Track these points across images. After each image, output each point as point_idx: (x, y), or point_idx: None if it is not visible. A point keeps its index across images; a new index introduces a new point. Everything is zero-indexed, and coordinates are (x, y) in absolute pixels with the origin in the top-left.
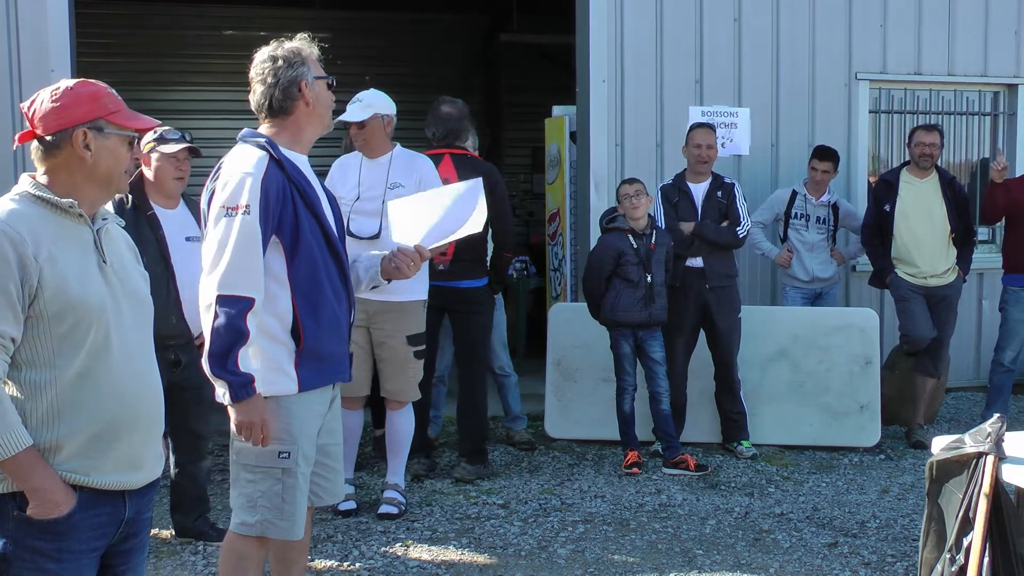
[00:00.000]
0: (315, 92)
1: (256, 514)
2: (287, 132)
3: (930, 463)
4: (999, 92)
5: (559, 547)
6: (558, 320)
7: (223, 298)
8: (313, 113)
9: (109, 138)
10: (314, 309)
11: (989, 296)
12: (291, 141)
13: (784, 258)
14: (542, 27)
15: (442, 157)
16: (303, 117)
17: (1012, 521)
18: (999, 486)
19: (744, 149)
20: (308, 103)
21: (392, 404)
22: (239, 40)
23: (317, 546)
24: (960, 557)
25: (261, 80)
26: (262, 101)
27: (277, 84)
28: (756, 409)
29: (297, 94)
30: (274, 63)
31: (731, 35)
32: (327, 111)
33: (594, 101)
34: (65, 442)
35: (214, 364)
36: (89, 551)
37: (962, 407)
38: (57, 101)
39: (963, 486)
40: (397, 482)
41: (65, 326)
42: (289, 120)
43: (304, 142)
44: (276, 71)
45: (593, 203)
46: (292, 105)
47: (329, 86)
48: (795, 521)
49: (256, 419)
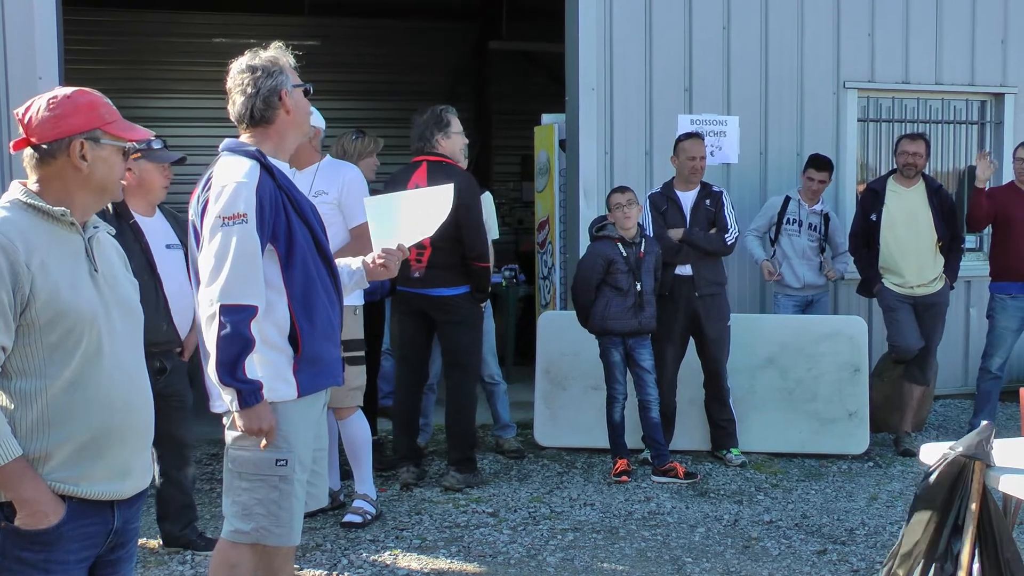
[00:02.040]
0: (294, 100)
1: (251, 522)
2: (269, 141)
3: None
4: (986, 101)
5: (548, 555)
6: (547, 328)
7: (227, 308)
8: (293, 121)
9: (105, 148)
10: (310, 315)
11: (976, 304)
12: (274, 150)
13: (767, 268)
14: (531, 35)
15: (419, 164)
16: (284, 126)
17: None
18: (987, 493)
19: (733, 157)
20: (289, 112)
21: (339, 413)
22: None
23: (306, 555)
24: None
25: (241, 91)
26: (243, 111)
27: (258, 94)
28: (745, 417)
29: (278, 103)
30: (253, 73)
31: (720, 44)
32: (306, 118)
33: (583, 109)
34: (54, 451)
35: (223, 373)
36: (78, 561)
37: (950, 414)
38: (54, 110)
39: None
40: (365, 491)
41: (56, 335)
42: (271, 129)
43: (286, 150)
44: (256, 81)
45: (582, 211)
46: (273, 114)
47: (306, 93)
48: (784, 529)
49: (265, 425)
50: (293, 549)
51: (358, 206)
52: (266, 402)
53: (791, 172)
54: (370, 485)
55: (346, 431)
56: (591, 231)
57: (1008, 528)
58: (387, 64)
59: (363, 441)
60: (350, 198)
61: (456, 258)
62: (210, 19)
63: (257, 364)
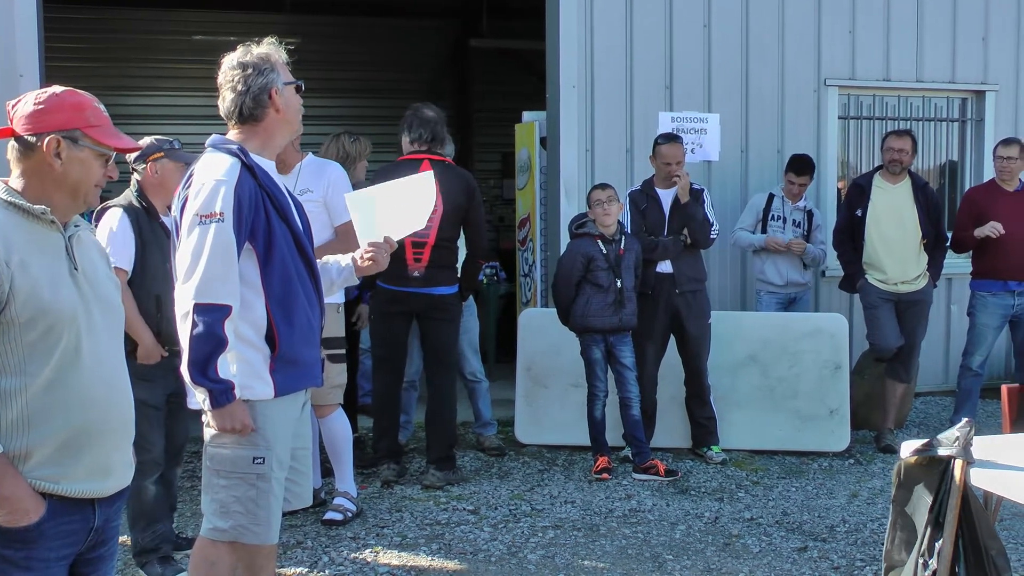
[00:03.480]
0: (285, 98)
1: (229, 519)
2: (257, 139)
3: (897, 467)
4: (967, 98)
5: (529, 553)
6: (528, 326)
7: (200, 306)
8: (283, 120)
9: (83, 151)
10: (288, 315)
11: (958, 301)
12: (261, 147)
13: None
14: (512, 32)
15: (420, 163)
16: (273, 124)
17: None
18: (968, 490)
19: (714, 155)
20: (279, 110)
21: (319, 410)
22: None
23: (287, 552)
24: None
25: (231, 87)
26: (232, 108)
27: (248, 92)
28: (726, 414)
29: (267, 101)
30: (244, 70)
31: (701, 41)
32: (296, 116)
33: (564, 107)
34: (35, 449)
35: (195, 372)
36: (58, 559)
37: (931, 411)
38: (40, 104)
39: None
40: (346, 489)
41: (36, 333)
42: (260, 127)
43: (274, 148)
44: (246, 78)
45: (563, 208)
46: (263, 112)
47: (298, 90)
48: (765, 526)
49: (237, 424)
50: (275, 547)
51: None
52: (239, 401)
53: (772, 169)
54: (351, 483)
55: (327, 429)
56: (571, 229)
57: (990, 524)
58: (368, 62)
59: (343, 439)
60: (335, 196)
61: (452, 257)
62: (191, 16)
63: (234, 361)
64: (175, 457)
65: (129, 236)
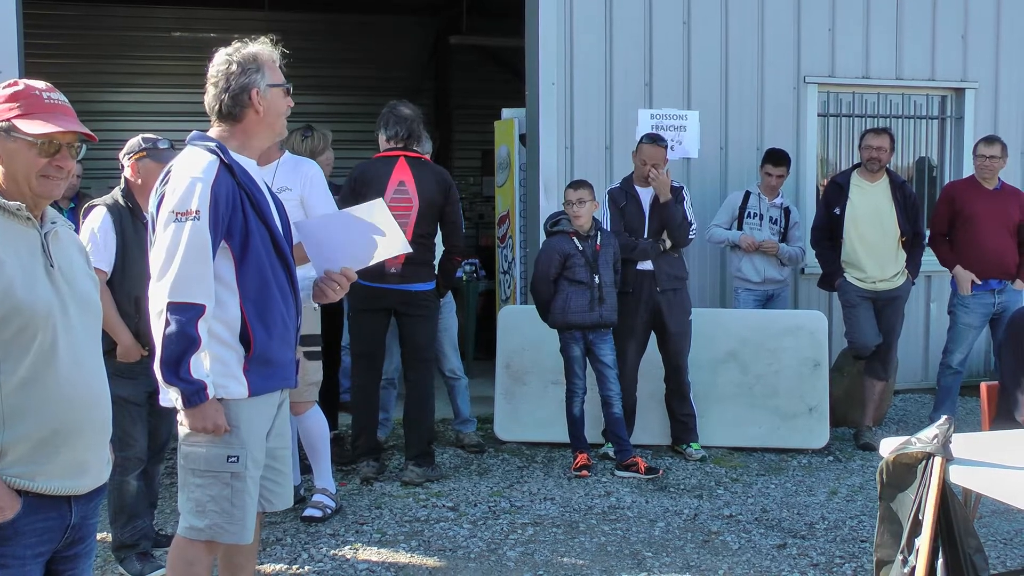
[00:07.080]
0: (267, 101)
1: (205, 519)
2: (236, 138)
3: (882, 466)
4: (946, 96)
5: (508, 549)
6: (508, 323)
7: (174, 305)
8: (263, 122)
9: (16, 140)
10: (263, 315)
11: (937, 299)
12: (240, 146)
13: (748, 240)
14: (492, 30)
15: (396, 159)
16: (252, 125)
17: (961, 522)
18: (947, 488)
19: (693, 152)
20: (258, 112)
21: (295, 408)
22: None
23: (266, 549)
24: (912, 559)
25: (214, 83)
26: (213, 104)
27: (228, 89)
28: (706, 411)
29: (247, 101)
30: (228, 67)
31: (680, 38)
32: (278, 119)
33: (543, 104)
34: (10, 447)
35: (166, 371)
36: (34, 556)
37: (910, 409)
38: None
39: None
40: (325, 486)
41: (11, 331)
42: (238, 127)
43: (253, 148)
44: (228, 76)
45: (543, 205)
46: (242, 112)
47: (287, 92)
48: (744, 523)
49: (209, 424)
50: (255, 545)
51: (320, 201)
52: (213, 400)
53: (751, 167)
54: (329, 479)
55: (303, 426)
56: (546, 227)
57: (970, 521)
58: (347, 59)
59: (320, 436)
60: (312, 195)
61: (429, 254)
62: (171, 13)
63: (208, 360)
64: (157, 454)
65: (111, 236)
